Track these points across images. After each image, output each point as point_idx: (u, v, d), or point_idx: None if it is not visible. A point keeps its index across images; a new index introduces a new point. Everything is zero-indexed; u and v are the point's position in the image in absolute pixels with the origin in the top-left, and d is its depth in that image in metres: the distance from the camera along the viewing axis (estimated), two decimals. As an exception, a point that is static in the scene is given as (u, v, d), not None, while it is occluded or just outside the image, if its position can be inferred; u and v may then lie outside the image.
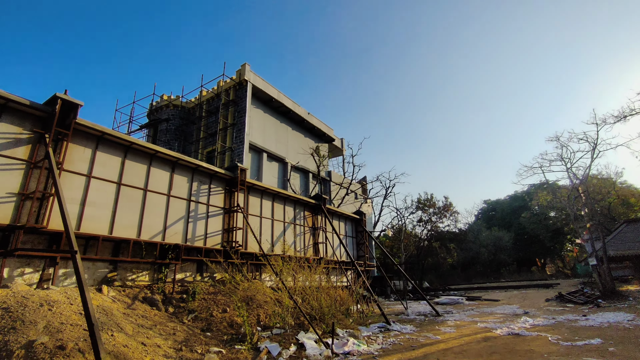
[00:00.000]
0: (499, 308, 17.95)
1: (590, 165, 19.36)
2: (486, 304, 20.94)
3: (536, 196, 41.46)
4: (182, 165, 10.64)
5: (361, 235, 19.55)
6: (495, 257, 47.68)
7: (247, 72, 23.89)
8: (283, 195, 14.40)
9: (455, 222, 45.38)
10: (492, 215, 59.51)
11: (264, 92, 25.10)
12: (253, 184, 12.89)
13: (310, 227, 15.85)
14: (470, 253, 49.60)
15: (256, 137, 24.26)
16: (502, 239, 47.12)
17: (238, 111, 23.62)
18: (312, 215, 16.10)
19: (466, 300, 23.23)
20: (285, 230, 14.30)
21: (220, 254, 10.86)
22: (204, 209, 11.08)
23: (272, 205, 13.92)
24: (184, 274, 10.18)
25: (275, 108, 26.85)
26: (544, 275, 46.53)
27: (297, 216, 15.22)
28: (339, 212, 18.06)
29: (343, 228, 18.52)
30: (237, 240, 11.42)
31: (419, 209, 42.22)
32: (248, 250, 12.11)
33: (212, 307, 9.04)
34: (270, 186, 13.59)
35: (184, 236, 10.24)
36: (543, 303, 19.13)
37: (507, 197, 58.21)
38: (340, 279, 17.69)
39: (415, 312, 18.06)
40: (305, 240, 15.27)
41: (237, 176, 11.88)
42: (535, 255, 51.87)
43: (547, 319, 13.07)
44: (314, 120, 30.43)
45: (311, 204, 15.91)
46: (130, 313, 6.81)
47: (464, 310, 18.15)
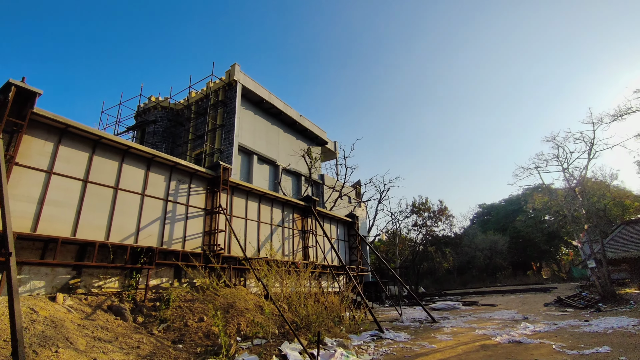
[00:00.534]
0: (497, 313, 17.26)
1: (587, 166, 18.87)
2: (483, 309, 20.24)
3: (531, 199, 41.12)
4: (158, 163, 9.90)
5: (354, 239, 18.84)
6: (491, 261, 47.12)
7: (237, 72, 23.26)
8: (270, 196, 13.67)
9: (450, 226, 44.86)
10: (487, 219, 59.10)
11: (254, 93, 24.48)
12: (237, 184, 12.17)
13: (300, 230, 15.11)
14: (466, 257, 49.02)
15: (246, 139, 23.56)
16: (498, 243, 46.62)
17: (227, 112, 22.94)
18: (301, 218, 15.37)
19: (463, 305, 22.52)
20: (273, 233, 13.55)
21: (200, 258, 10.08)
22: (182, 210, 10.32)
23: (259, 207, 13.18)
24: (160, 280, 9.38)
25: (266, 110, 26.21)
26: (540, 279, 46.01)
27: (286, 219, 14.48)
28: (330, 214, 17.35)
29: (335, 231, 17.80)
30: (218, 244, 10.65)
31: (413, 213, 41.64)
32: (231, 254, 11.34)
33: (188, 316, 8.25)
34: (256, 187, 12.87)
35: (160, 239, 9.46)
36: (542, 307, 18.48)
37: (502, 201, 57.87)
38: (332, 285, 16.92)
39: (410, 319, 17.30)
40: (294, 243, 14.52)
41: (220, 175, 11.15)
42: (531, 259, 51.43)
43: (548, 325, 12.39)
44: (306, 123, 29.82)
45: (300, 206, 15.19)
46: (88, 324, 6.02)
47: (460, 315, 17.43)
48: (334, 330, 10.96)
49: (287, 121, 28.00)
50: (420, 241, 42.99)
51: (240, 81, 23.33)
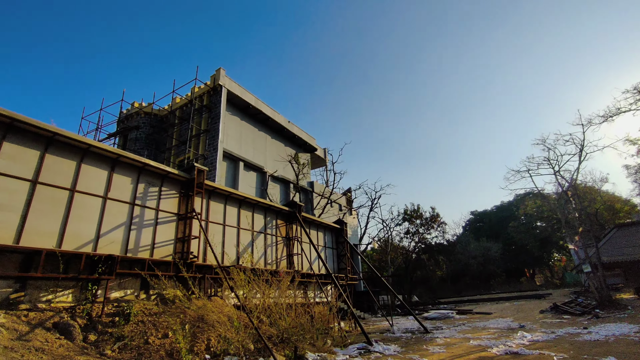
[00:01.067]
0: (492, 322, 16.48)
1: (579, 168, 18.44)
2: (478, 317, 19.46)
3: (523, 205, 40.79)
4: (124, 164, 9.07)
5: (342, 247, 18.02)
6: (484, 268, 46.49)
7: (222, 77, 22.62)
8: (251, 201, 12.86)
9: (443, 233, 44.23)
10: (479, 227, 58.68)
11: (240, 98, 23.82)
12: (215, 188, 11.36)
13: (284, 237, 14.27)
14: (460, 265, 48.33)
15: (232, 145, 22.79)
16: (491, 250, 46.07)
17: (212, 117, 22.20)
18: (285, 225, 14.55)
19: (457, 314, 21.71)
20: (254, 241, 12.69)
21: (171, 267, 9.19)
22: (152, 215, 9.46)
23: (239, 213, 12.35)
24: (123, 292, 8.46)
25: (252, 115, 25.54)
26: (534, 286, 45.45)
27: (269, 225, 13.65)
28: (317, 221, 16.56)
29: (322, 239, 16.99)
30: (192, 251, 9.78)
31: (405, 220, 40.96)
32: (207, 263, 10.46)
33: (150, 332, 7.34)
34: (236, 191, 12.07)
35: (124, 246, 8.58)
36: (538, 315, 17.76)
37: (493, 208, 57.62)
38: (319, 295, 16.03)
39: (402, 329, 16.43)
40: (277, 251, 13.67)
41: (194, 178, 10.35)
42: (524, 265, 50.93)
43: (547, 334, 11.65)
44: (295, 129, 29.19)
45: (285, 211, 14.39)
46: (18, 346, 5.11)
47: (454, 325, 16.62)
48: (317, 344, 10.09)
49: (274, 127, 27.34)
50: (413, 249, 42.23)
51: (226, 86, 22.67)
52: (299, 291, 14.61)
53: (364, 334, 11.60)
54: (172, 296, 8.37)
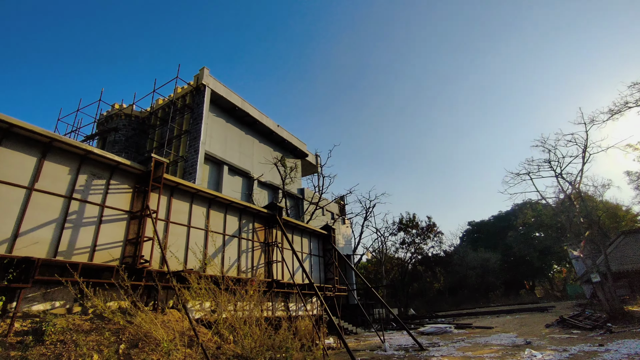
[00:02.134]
0: (494, 337, 14.84)
1: (582, 170, 17.11)
2: (478, 332, 17.79)
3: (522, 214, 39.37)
4: (60, 151, 7.63)
5: (330, 255, 16.47)
6: (483, 280, 44.71)
7: (206, 76, 21.40)
8: (223, 200, 11.38)
9: (439, 243, 42.59)
10: (477, 237, 57.06)
11: (225, 99, 22.56)
12: (178, 184, 9.90)
13: (262, 243, 12.73)
14: (457, 277, 46.55)
15: (215, 148, 21.41)
16: (489, 261, 44.40)
17: (194, 118, 20.87)
18: (265, 229, 13.03)
19: (455, 328, 20.02)
20: (226, 245, 11.16)
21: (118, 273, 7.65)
22: (95, 212, 7.97)
23: (208, 213, 10.86)
24: (50, 304, 6.91)
25: (239, 118, 24.25)
26: (534, 298, 43.65)
27: (244, 228, 12.14)
28: (301, 225, 15.04)
29: (307, 245, 15.44)
30: (143, 255, 8.25)
31: (401, 229, 39.38)
32: (165, 269, 8.91)
33: (70, 354, 5.77)
34: (204, 188, 10.61)
35: (53, 247, 7.06)
36: (543, 329, 16.14)
37: (491, 218, 56.14)
38: (301, 307, 14.40)
39: (395, 346, 14.76)
40: (253, 258, 12.12)
41: (151, 170, 8.90)
42: (523, 277, 49.16)
43: (558, 352, 10.08)
44: (284, 134, 27.89)
45: (263, 214, 12.89)
46: None
47: (452, 341, 14.96)
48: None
49: (263, 131, 26.03)
50: (409, 260, 40.53)
51: (210, 85, 21.43)
52: (278, 303, 13.00)
53: (348, 353, 9.99)
54: (102, 309, 6.79)
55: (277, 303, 12.98)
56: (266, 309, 12.27)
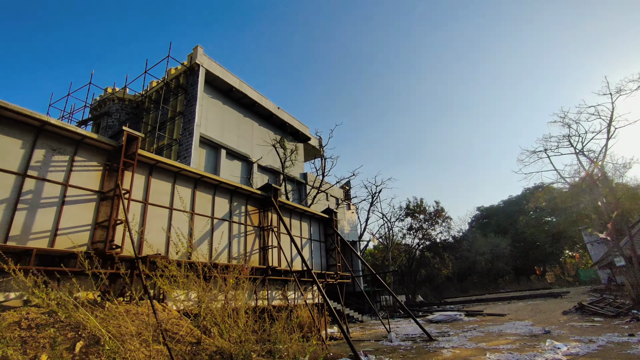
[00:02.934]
0: (507, 326, 13.78)
1: (607, 146, 15.65)
2: (490, 320, 16.74)
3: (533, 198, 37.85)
4: (10, 121, 6.61)
5: (332, 240, 15.44)
6: (492, 265, 43.52)
7: (200, 55, 20.20)
8: (211, 181, 10.34)
9: (448, 229, 41.36)
10: (486, 223, 55.66)
11: (222, 80, 21.38)
12: (158, 161, 8.86)
13: (256, 227, 11.73)
14: (466, 262, 45.43)
15: (212, 131, 20.37)
16: (499, 246, 43.11)
17: (188, 99, 19.78)
18: (259, 212, 12.01)
19: (465, 316, 19.00)
20: (215, 230, 10.17)
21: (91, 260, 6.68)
22: (56, 191, 6.99)
23: (194, 194, 9.84)
24: (2, 296, 5.99)
25: (237, 100, 23.09)
26: (545, 284, 42.40)
27: (235, 211, 11.12)
28: (300, 209, 13.98)
29: (307, 230, 14.42)
30: (112, 240, 7.27)
31: (408, 215, 38.21)
32: (144, 255, 7.96)
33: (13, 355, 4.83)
34: (187, 167, 9.56)
35: (4, 231, 6.11)
36: (561, 317, 15.01)
37: (501, 203, 54.58)
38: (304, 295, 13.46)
39: (402, 335, 13.80)
40: (246, 244, 11.13)
41: (122, 145, 7.85)
42: (534, 262, 47.85)
43: (584, 343, 8.96)
44: (285, 116, 26.68)
45: (257, 195, 11.85)
46: None
47: (463, 330, 13.94)
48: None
49: (262, 114, 24.86)
50: (416, 246, 39.45)
51: (204, 65, 20.24)
52: (275, 292, 12.06)
53: (350, 346, 9.03)
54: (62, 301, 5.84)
55: (274, 291, 12.04)
56: (262, 298, 11.36)
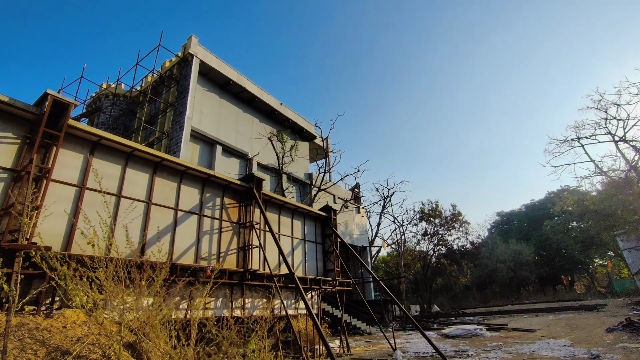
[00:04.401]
0: (540, 345, 11.30)
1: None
2: (517, 336, 14.21)
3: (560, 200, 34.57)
4: None
5: (331, 241, 13.40)
6: (515, 274, 40.12)
7: (194, 45, 18.80)
8: (177, 166, 8.58)
9: (465, 234, 38.41)
10: (507, 229, 52.09)
11: (218, 72, 19.91)
12: (102, 138, 7.15)
13: (235, 223, 9.87)
14: (486, 271, 42.16)
15: (207, 126, 18.84)
16: (522, 253, 39.73)
17: (180, 91, 18.36)
18: (239, 205, 10.17)
19: (487, 330, 16.45)
20: (179, 224, 8.36)
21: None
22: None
23: (152, 181, 8.09)
24: None
25: (235, 94, 21.57)
26: (574, 295, 38.64)
27: (208, 204, 9.31)
28: (292, 205, 12.05)
29: (300, 229, 12.45)
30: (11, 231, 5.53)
31: (422, 219, 35.63)
32: (73, 252, 6.21)
33: None
34: (142, 147, 7.84)
35: None
36: (605, 335, 12.39)
37: (522, 207, 51.01)
38: (294, 304, 11.46)
39: (411, 354, 11.55)
40: (220, 242, 9.27)
41: (45, 113, 6.18)
42: (561, 271, 44.00)
43: (654, 376, 6.58)
44: (289, 113, 24.98)
45: (236, 186, 10.01)
46: None
47: (485, 348, 11.56)
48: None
49: (263, 109, 23.25)
50: (431, 252, 36.72)
51: (198, 55, 18.82)
52: (258, 300, 10.10)
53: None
54: None
55: (257, 300, 10.09)
56: (239, 307, 9.43)
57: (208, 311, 8.67)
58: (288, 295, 11.36)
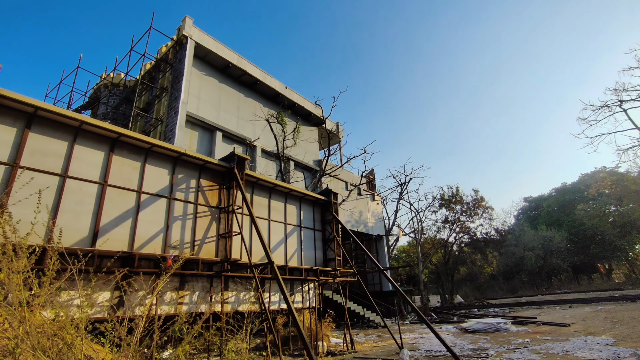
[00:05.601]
0: (576, 343, 9.58)
1: None
2: (547, 331, 12.44)
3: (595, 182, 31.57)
4: None
5: (331, 228, 12.07)
6: (545, 262, 37.39)
7: (188, 26, 17.76)
8: (138, 142, 7.49)
9: (489, 220, 35.97)
10: (535, 215, 48.83)
11: (216, 55, 18.83)
12: (38, 108, 6.13)
13: (214, 208, 8.74)
14: (513, 259, 39.58)
15: (206, 112, 17.88)
16: (552, 240, 36.89)
17: (175, 76, 17.43)
18: (219, 188, 9.02)
19: (512, 324, 14.70)
20: (142, 208, 7.30)
21: None
22: None
23: (108, 159, 7.04)
24: None
25: (236, 78, 20.47)
26: (612, 284, 35.52)
27: (180, 185, 8.21)
28: (283, 187, 10.78)
29: (295, 215, 11.19)
30: None
31: (442, 206, 33.56)
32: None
33: None
34: (93, 120, 6.78)
35: None
36: (656, 331, 10.47)
37: (552, 191, 47.56)
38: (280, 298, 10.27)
39: (422, 353, 10.15)
40: (195, 228, 8.16)
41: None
42: (596, 259, 40.62)
43: None
44: (295, 96, 23.66)
45: (214, 166, 8.85)
46: None
47: (509, 347, 9.97)
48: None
49: (267, 93, 22.05)
50: (453, 240, 34.66)
51: (194, 37, 17.78)
52: (243, 293, 8.98)
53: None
54: None
55: (243, 293, 8.97)
56: (220, 302, 8.34)
57: (182, 306, 7.63)
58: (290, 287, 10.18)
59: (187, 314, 7.32)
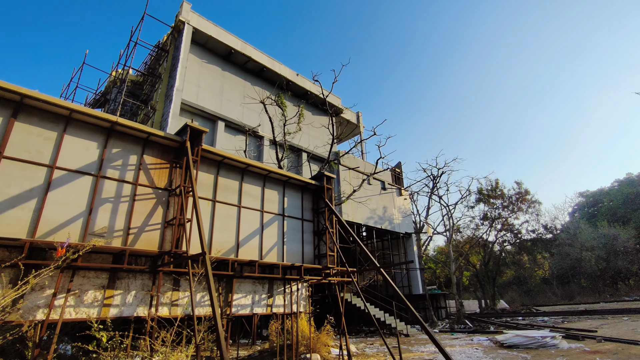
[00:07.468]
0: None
1: None
2: (610, 350, 9.39)
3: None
4: None
5: (323, 219, 10.04)
6: (608, 265, 32.04)
7: (186, 11, 16.75)
8: (54, 108, 6.09)
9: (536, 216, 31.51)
10: (594, 212, 42.65)
11: (217, 41, 17.68)
12: None
13: (162, 190, 7.16)
14: (568, 260, 34.49)
15: (206, 100, 16.77)
16: (617, 239, 31.51)
17: (173, 63, 16.45)
18: (170, 167, 7.44)
19: (563, 338, 11.61)
20: (55, 187, 5.88)
21: None
22: None
23: (7, 126, 5.69)
24: None
25: (240, 65, 19.21)
26: (697, 291, 29.39)
27: (115, 162, 6.72)
28: (259, 168, 8.96)
29: (277, 201, 9.34)
30: None
31: (480, 201, 29.89)
32: None
33: None
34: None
35: None
36: None
37: (615, 184, 41.25)
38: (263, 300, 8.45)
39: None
40: (132, 213, 6.61)
41: None
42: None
43: None
44: (307, 84, 21.93)
45: (161, 140, 7.29)
46: None
47: (555, 374, 7.28)
48: None
49: (276, 81, 20.50)
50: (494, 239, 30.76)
51: (191, 23, 16.73)
52: (201, 293, 7.28)
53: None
54: None
55: (201, 293, 7.27)
56: (167, 304, 6.71)
57: (109, 309, 6.08)
58: (256, 289, 8.36)
59: (115, 317, 5.78)
